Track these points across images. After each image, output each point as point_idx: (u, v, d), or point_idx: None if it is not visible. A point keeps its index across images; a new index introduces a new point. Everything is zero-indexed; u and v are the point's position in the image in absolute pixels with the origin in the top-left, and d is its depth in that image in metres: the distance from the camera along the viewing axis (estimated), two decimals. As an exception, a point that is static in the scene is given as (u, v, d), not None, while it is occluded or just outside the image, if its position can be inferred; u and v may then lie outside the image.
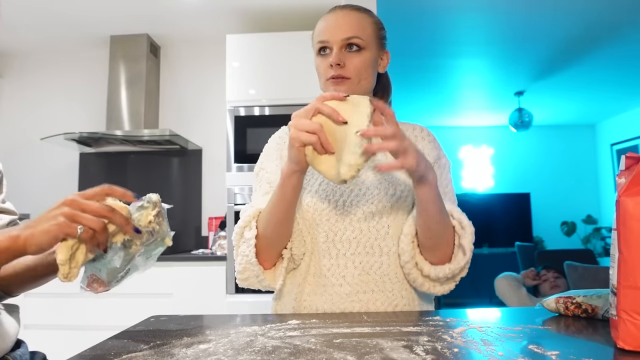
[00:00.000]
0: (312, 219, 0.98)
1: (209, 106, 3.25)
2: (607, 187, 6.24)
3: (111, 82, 3.10)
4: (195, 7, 2.82)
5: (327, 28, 0.98)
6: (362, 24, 0.98)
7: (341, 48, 0.96)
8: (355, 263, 0.96)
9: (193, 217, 3.18)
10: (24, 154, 3.25)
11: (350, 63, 0.96)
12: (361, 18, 0.99)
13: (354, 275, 0.96)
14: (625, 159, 0.61)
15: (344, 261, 0.96)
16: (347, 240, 0.96)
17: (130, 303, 2.46)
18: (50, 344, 1.23)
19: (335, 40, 0.96)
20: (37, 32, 3.07)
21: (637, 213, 0.57)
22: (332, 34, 0.96)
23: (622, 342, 0.58)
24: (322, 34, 0.98)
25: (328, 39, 0.97)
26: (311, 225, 0.98)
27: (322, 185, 0.99)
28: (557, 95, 5.16)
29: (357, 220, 0.96)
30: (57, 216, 0.65)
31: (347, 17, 0.97)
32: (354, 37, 0.96)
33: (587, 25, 3.29)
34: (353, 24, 0.97)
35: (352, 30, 0.96)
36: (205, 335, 0.71)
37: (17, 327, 0.89)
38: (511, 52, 3.87)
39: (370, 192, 0.98)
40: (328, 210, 0.97)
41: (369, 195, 0.97)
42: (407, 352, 0.59)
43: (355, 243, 0.96)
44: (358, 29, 0.96)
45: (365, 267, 0.96)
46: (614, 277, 0.60)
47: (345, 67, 0.95)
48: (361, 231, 0.96)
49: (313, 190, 1.00)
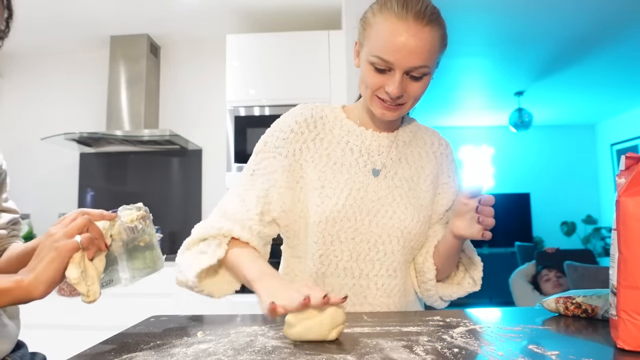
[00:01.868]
0: (336, 234, 0.90)
1: (209, 106, 3.25)
2: (607, 187, 6.23)
3: (111, 82, 3.10)
4: (195, 7, 2.82)
5: (395, 47, 0.81)
6: (433, 47, 0.84)
7: (404, 74, 0.84)
8: (377, 285, 0.93)
9: (193, 217, 3.18)
10: (24, 154, 3.25)
11: (410, 90, 0.86)
12: (433, 37, 0.83)
13: (376, 297, 0.94)
14: (625, 159, 0.61)
15: (367, 282, 0.93)
16: (371, 261, 0.93)
17: (130, 303, 2.46)
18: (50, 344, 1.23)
19: (401, 66, 0.83)
20: (37, 32, 3.07)
21: (637, 213, 0.57)
22: (399, 58, 0.82)
23: (622, 342, 0.58)
24: (387, 51, 0.82)
25: (393, 62, 0.82)
26: (333, 242, 0.91)
27: (349, 199, 0.91)
28: (557, 95, 5.16)
29: (382, 243, 0.92)
30: (51, 247, 0.66)
31: (420, 38, 0.81)
32: (423, 67, 0.84)
33: (587, 25, 3.29)
34: (425, 50, 0.82)
35: (422, 58, 0.82)
36: (205, 335, 0.71)
37: (18, 329, 0.90)
38: (511, 52, 3.87)
39: (397, 216, 0.93)
40: (354, 229, 0.91)
41: (395, 219, 0.92)
42: (407, 352, 0.59)
43: (379, 265, 0.93)
44: (428, 57, 0.83)
45: (387, 289, 0.94)
46: (613, 277, 0.60)
47: (405, 93, 0.86)
48: (385, 253, 0.93)
49: (340, 204, 0.90)
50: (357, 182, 0.92)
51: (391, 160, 0.96)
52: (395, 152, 0.97)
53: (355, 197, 0.91)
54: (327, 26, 2.90)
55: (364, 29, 0.88)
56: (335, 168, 0.93)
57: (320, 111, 0.98)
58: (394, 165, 0.96)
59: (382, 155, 0.95)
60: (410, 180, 0.96)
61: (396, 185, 0.94)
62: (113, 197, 3.22)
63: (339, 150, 0.94)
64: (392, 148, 0.97)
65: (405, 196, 0.94)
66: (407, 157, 0.98)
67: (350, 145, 0.94)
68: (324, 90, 2.60)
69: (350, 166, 0.93)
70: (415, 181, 0.97)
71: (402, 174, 0.96)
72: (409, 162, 0.98)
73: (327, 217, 0.89)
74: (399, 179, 0.95)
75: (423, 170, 0.99)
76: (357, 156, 0.94)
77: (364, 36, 0.88)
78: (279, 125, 0.97)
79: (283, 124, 0.97)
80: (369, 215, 0.91)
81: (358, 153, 0.94)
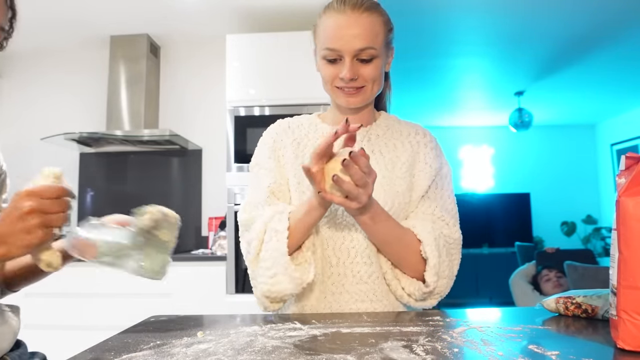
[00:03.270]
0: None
1: (209, 106, 3.25)
2: (607, 187, 6.24)
3: (111, 82, 3.10)
4: (195, 7, 2.82)
5: (338, 35, 0.90)
6: (375, 30, 0.91)
7: (353, 58, 0.90)
8: (353, 272, 0.95)
9: (193, 217, 3.18)
10: (24, 154, 3.24)
11: (364, 73, 0.92)
12: (374, 22, 0.91)
13: (353, 284, 0.95)
14: (625, 159, 0.61)
15: (343, 270, 0.95)
16: (346, 249, 0.95)
17: (130, 303, 2.46)
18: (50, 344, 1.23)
19: (347, 50, 0.90)
20: (37, 32, 3.07)
21: (637, 213, 0.57)
22: (344, 44, 0.89)
23: (622, 342, 0.58)
24: (332, 40, 0.90)
25: (339, 49, 0.90)
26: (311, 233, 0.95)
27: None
28: (557, 95, 5.16)
29: (356, 230, 0.94)
30: (30, 228, 0.67)
31: (360, 23, 0.89)
32: (369, 48, 0.90)
33: (587, 25, 3.29)
34: (367, 32, 0.90)
35: (366, 40, 0.89)
36: (205, 335, 0.71)
37: (17, 328, 0.89)
38: (511, 52, 3.87)
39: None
40: (328, 219, 0.95)
41: None
42: (407, 352, 0.59)
43: (354, 252, 0.95)
44: (372, 38, 0.90)
45: (364, 276, 0.95)
46: (614, 277, 0.60)
47: (358, 77, 0.92)
48: (358, 241, 0.95)
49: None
50: None
51: None
52: (367, 145, 1.00)
53: None
54: (327, 26, 2.90)
55: (314, 32, 0.99)
56: None
57: (297, 121, 1.08)
58: None
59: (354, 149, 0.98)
60: (384, 169, 0.98)
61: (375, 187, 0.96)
62: (113, 197, 3.22)
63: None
64: (364, 142, 1.01)
65: (379, 184, 0.94)
66: (381, 149, 1.01)
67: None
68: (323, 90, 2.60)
69: None
70: (389, 170, 0.98)
71: (374, 165, 0.94)
72: (383, 153, 1.00)
73: None
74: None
75: (398, 159, 1.00)
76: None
77: (315, 38, 0.98)
78: (263, 140, 1.07)
79: (266, 137, 1.07)
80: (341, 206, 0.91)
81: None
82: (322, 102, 2.58)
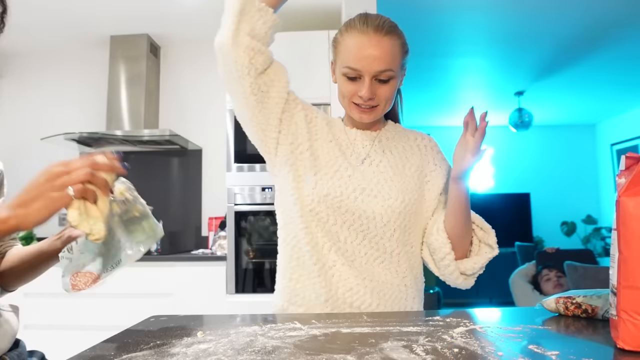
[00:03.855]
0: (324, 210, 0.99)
1: (209, 106, 3.25)
2: (607, 187, 6.23)
3: (111, 82, 3.10)
4: (195, 7, 2.82)
5: (360, 56, 0.95)
6: (394, 53, 0.97)
7: (372, 78, 0.96)
8: (360, 253, 0.99)
9: (193, 217, 3.18)
10: (24, 154, 3.25)
11: (380, 92, 0.98)
12: (394, 45, 0.97)
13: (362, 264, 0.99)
14: (625, 159, 0.61)
15: (351, 248, 0.99)
16: (355, 231, 0.99)
17: (130, 303, 2.46)
18: (50, 344, 1.23)
19: (368, 71, 0.95)
20: (37, 32, 3.07)
21: (637, 213, 0.57)
22: (365, 65, 0.95)
23: (622, 342, 0.58)
24: (354, 60, 0.96)
25: (360, 69, 0.96)
26: (321, 216, 0.99)
27: (337, 182, 1.00)
28: (557, 95, 5.15)
29: (366, 217, 0.99)
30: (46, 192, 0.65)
31: (381, 46, 0.95)
32: (388, 70, 0.96)
33: (587, 25, 3.29)
34: (387, 55, 0.96)
35: (386, 62, 0.95)
36: (205, 335, 0.71)
37: (16, 328, 0.90)
38: (511, 52, 3.87)
39: (381, 195, 1.00)
40: (339, 206, 0.99)
41: (379, 198, 1.00)
42: (407, 352, 0.59)
43: (362, 235, 0.99)
44: (391, 60, 0.96)
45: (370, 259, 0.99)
46: (613, 277, 0.60)
47: (375, 96, 0.98)
48: (368, 227, 0.99)
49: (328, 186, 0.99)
50: (347, 168, 1.02)
51: (375, 151, 1.07)
52: (378, 145, 1.08)
53: (343, 181, 1.01)
54: (327, 26, 2.90)
55: (335, 48, 1.03)
56: (330, 150, 1.04)
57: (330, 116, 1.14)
58: (377, 155, 1.06)
59: (365, 148, 1.07)
60: (395, 167, 1.05)
61: (380, 171, 1.04)
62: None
63: (334, 139, 1.07)
64: (376, 142, 1.08)
65: (390, 180, 1.02)
66: (391, 149, 1.08)
67: (340, 140, 1.07)
68: (324, 90, 2.60)
69: (342, 154, 1.04)
70: (400, 168, 1.05)
71: (386, 162, 1.05)
72: (393, 152, 1.07)
73: (319, 197, 0.99)
74: (383, 166, 1.04)
75: (407, 160, 1.07)
76: (344, 148, 1.06)
77: (336, 54, 1.02)
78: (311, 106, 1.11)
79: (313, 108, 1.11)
80: (354, 193, 1.00)
81: (346, 145, 1.07)
82: (322, 102, 2.58)
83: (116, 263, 0.81)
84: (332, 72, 1.06)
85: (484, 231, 1.06)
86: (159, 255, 2.68)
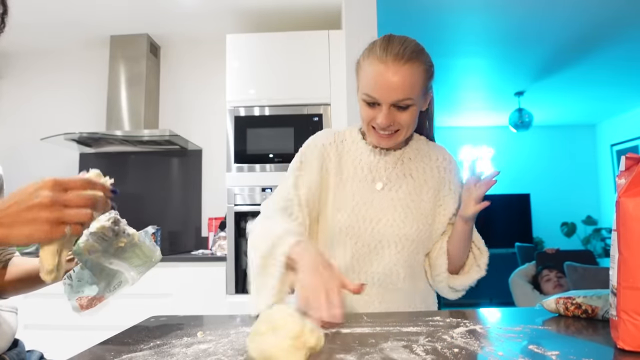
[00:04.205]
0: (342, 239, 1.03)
1: (209, 106, 3.25)
2: (607, 187, 6.23)
3: (111, 82, 3.10)
4: (195, 7, 2.82)
5: (377, 84, 0.94)
6: (413, 81, 0.94)
7: (390, 107, 0.96)
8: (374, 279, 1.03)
9: (193, 217, 3.18)
10: (24, 154, 3.24)
11: (400, 119, 0.97)
12: (414, 73, 0.94)
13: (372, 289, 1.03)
14: (625, 159, 0.61)
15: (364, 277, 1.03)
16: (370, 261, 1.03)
17: (130, 303, 2.45)
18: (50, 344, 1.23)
19: (385, 100, 0.95)
20: (37, 32, 3.07)
21: (637, 214, 0.57)
22: (382, 94, 0.94)
23: (622, 342, 0.58)
24: (371, 88, 0.95)
25: (377, 97, 0.95)
26: (338, 245, 1.03)
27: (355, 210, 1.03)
28: (557, 95, 5.15)
29: (382, 247, 1.03)
30: (39, 219, 0.58)
31: (400, 75, 0.93)
32: (406, 100, 0.94)
33: (587, 25, 3.29)
34: (405, 84, 0.93)
35: (404, 92, 0.93)
36: (205, 335, 0.71)
37: (14, 328, 0.89)
38: (511, 52, 3.87)
39: (396, 224, 1.03)
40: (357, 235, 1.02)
41: (395, 227, 1.03)
42: (407, 352, 0.59)
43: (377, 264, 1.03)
44: (410, 89, 0.94)
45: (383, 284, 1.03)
46: (613, 278, 0.60)
47: (394, 123, 0.98)
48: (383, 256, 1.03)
49: (346, 215, 1.03)
50: (364, 196, 1.04)
51: (396, 175, 1.07)
52: (400, 168, 1.08)
53: (361, 208, 1.03)
54: (327, 26, 2.90)
55: (357, 72, 1.02)
56: (347, 183, 1.06)
57: (342, 135, 1.12)
58: (398, 180, 1.07)
59: (387, 171, 1.07)
60: (413, 193, 1.06)
61: (399, 197, 1.05)
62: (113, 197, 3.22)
63: (352, 168, 1.07)
64: (398, 164, 1.08)
65: (407, 207, 1.04)
66: (412, 172, 1.08)
67: (362, 164, 1.07)
68: (324, 90, 2.60)
69: (360, 182, 1.05)
70: (417, 193, 1.07)
71: (405, 187, 1.06)
72: (413, 176, 1.08)
73: (336, 226, 1.02)
74: (402, 192, 1.06)
75: (426, 184, 1.08)
76: (366, 173, 1.06)
77: (358, 78, 1.02)
78: (313, 142, 1.10)
79: (314, 142, 1.10)
80: (371, 224, 1.02)
81: (367, 170, 1.06)
82: (322, 102, 2.58)
83: (118, 284, 0.82)
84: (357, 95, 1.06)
85: (480, 251, 1.10)
86: (159, 255, 2.67)
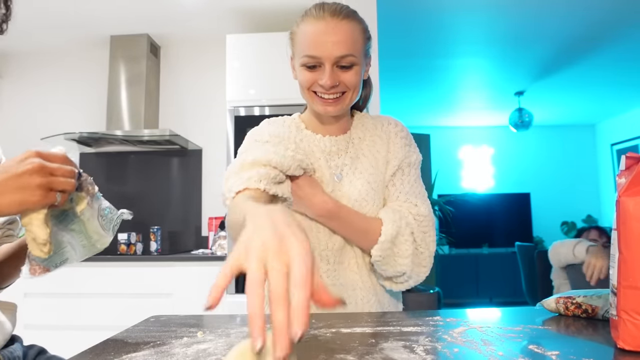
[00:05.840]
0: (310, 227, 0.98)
1: (209, 106, 3.25)
2: (607, 187, 6.23)
3: (111, 82, 3.10)
4: (195, 7, 2.82)
5: (318, 42, 0.89)
6: (354, 37, 0.90)
7: (333, 65, 0.90)
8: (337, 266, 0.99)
9: (193, 217, 3.18)
10: (24, 154, 3.24)
11: (344, 79, 0.91)
12: (353, 29, 0.91)
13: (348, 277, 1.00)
14: (626, 159, 0.61)
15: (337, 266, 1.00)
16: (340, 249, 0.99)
17: (130, 303, 2.46)
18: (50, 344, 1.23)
19: (328, 57, 0.89)
20: (37, 32, 3.07)
21: (637, 213, 0.57)
22: (324, 50, 0.89)
23: (622, 342, 0.58)
24: (312, 47, 0.90)
25: (319, 55, 0.89)
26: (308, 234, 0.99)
27: None
28: (557, 95, 5.15)
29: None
30: (31, 185, 0.59)
31: (340, 30, 0.89)
32: (349, 55, 0.89)
33: (587, 25, 3.29)
34: (347, 39, 0.89)
35: (346, 47, 0.89)
36: (205, 335, 0.71)
37: (12, 325, 0.89)
38: (511, 52, 3.87)
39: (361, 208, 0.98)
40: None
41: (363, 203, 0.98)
42: (407, 352, 0.59)
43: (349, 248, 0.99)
44: (352, 45, 0.90)
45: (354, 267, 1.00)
46: (614, 277, 0.60)
47: (339, 84, 0.91)
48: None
49: None
50: (327, 189, 0.98)
51: (350, 158, 1.02)
52: (352, 150, 1.03)
53: None
54: (327, 26, 2.90)
55: (291, 40, 0.97)
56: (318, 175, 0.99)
57: (281, 121, 1.06)
58: (353, 163, 1.01)
59: (342, 157, 1.02)
60: (371, 169, 1.01)
61: (357, 178, 1.00)
62: (113, 198, 3.21)
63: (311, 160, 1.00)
64: (349, 147, 1.03)
65: (367, 183, 0.99)
66: (364, 150, 1.03)
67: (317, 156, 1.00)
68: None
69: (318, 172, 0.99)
70: (374, 168, 1.01)
71: (361, 167, 1.01)
72: (366, 154, 1.02)
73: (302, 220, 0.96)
74: (359, 172, 1.00)
75: (379, 154, 1.03)
76: (322, 162, 1.00)
77: (293, 46, 0.96)
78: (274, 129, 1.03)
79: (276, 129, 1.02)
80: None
81: (323, 160, 1.00)
82: (322, 102, 2.57)
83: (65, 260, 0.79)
84: (292, 69, 1.00)
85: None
86: (159, 255, 2.68)
